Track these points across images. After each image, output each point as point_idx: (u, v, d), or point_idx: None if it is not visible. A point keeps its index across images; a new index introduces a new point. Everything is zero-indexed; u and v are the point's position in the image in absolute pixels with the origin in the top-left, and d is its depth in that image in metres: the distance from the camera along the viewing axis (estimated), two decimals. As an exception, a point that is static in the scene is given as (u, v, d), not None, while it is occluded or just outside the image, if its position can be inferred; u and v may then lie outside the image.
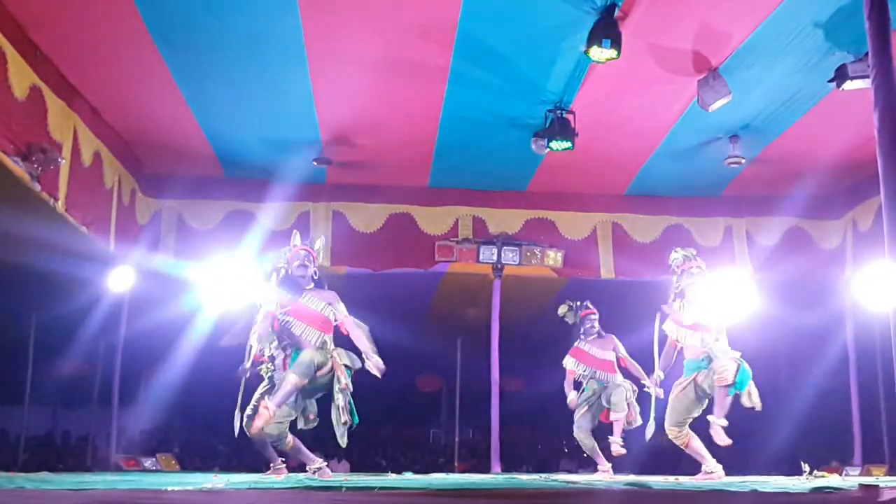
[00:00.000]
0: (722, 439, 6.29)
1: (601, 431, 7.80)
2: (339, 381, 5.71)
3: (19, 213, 7.00)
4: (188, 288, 9.51)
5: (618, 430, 7.40)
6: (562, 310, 7.95)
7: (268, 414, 5.54)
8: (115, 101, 7.67)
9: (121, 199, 8.53)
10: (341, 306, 5.99)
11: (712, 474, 6.36)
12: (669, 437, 6.60)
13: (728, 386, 6.22)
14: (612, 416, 7.41)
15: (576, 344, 7.80)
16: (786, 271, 9.73)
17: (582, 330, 7.82)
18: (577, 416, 7.65)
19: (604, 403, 7.56)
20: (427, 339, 13.26)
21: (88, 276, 9.10)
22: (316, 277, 6.07)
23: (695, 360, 6.55)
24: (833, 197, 9.63)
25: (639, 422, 7.46)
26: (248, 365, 5.93)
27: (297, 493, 3.33)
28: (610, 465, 7.62)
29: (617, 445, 7.36)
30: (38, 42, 6.47)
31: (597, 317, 7.86)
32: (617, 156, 8.77)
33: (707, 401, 6.51)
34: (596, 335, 7.77)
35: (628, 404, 7.42)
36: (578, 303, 7.97)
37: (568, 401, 7.79)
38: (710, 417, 6.35)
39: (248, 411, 5.89)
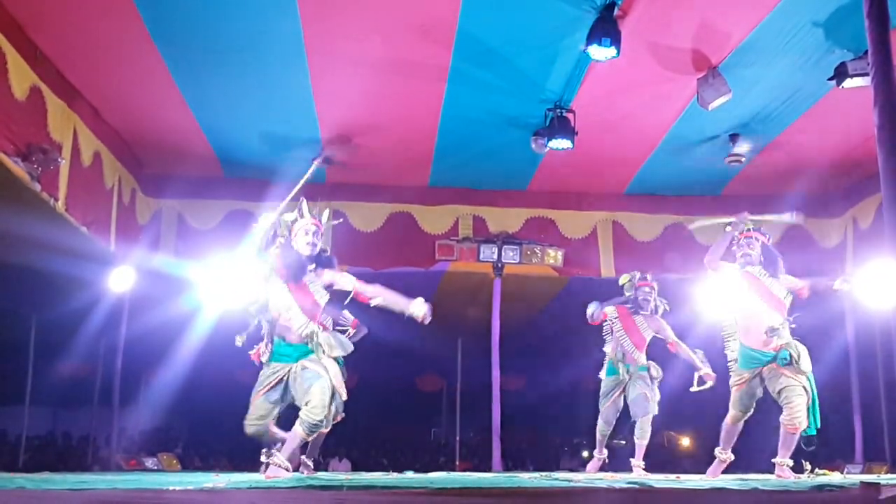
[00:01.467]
0: (789, 474, 5.69)
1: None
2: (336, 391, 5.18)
3: (19, 214, 7.01)
4: (188, 288, 9.52)
5: (640, 453, 7.31)
6: (623, 279, 7.73)
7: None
8: (115, 102, 7.68)
9: (121, 199, 8.53)
10: (346, 278, 5.37)
11: (724, 462, 6.22)
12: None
13: (798, 431, 5.67)
14: (637, 441, 7.30)
15: (627, 307, 7.46)
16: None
17: (635, 300, 7.43)
18: (603, 407, 7.47)
19: (627, 400, 7.35)
20: (427, 338, 13.24)
21: (89, 276, 9.10)
22: (326, 254, 5.50)
23: (766, 353, 5.77)
24: (833, 195, 9.63)
25: (656, 411, 7.36)
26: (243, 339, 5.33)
27: (299, 493, 3.32)
28: (605, 455, 7.58)
29: (640, 469, 7.27)
30: (38, 42, 6.48)
31: (651, 291, 7.42)
32: (617, 155, 8.77)
33: (763, 389, 5.85)
34: (649, 312, 7.37)
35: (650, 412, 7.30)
36: (638, 273, 7.71)
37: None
38: (775, 460, 5.80)
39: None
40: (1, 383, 13.51)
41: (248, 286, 5.58)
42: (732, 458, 6.31)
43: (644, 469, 7.26)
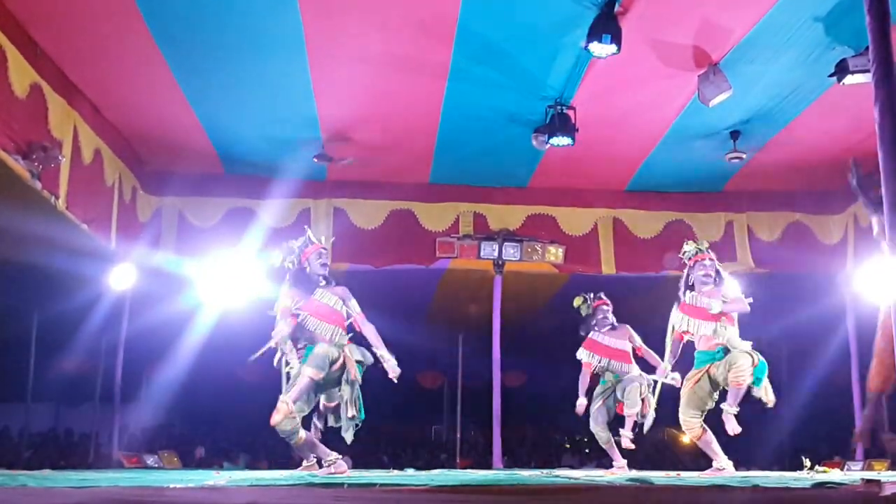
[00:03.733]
0: (733, 428, 6.18)
1: (617, 424, 7.69)
2: (349, 374, 5.79)
3: (20, 211, 7.01)
4: (189, 285, 9.53)
5: (629, 424, 7.33)
6: (577, 301, 7.82)
7: (286, 409, 5.59)
8: (115, 99, 7.67)
9: (122, 197, 8.52)
10: (354, 303, 6.10)
11: (723, 471, 6.22)
12: (683, 428, 6.49)
13: (743, 385, 6.12)
14: (626, 411, 7.34)
15: (590, 335, 7.71)
16: (787, 266, 9.73)
17: (594, 321, 7.66)
18: (592, 409, 7.58)
19: (619, 397, 7.46)
20: (428, 335, 13.26)
21: (90, 273, 9.11)
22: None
23: (708, 352, 6.37)
24: (834, 192, 9.61)
25: (652, 416, 7.38)
26: (257, 354, 6.01)
27: (299, 490, 3.33)
28: (625, 461, 7.57)
29: (627, 440, 7.30)
30: (39, 40, 6.47)
31: (609, 308, 7.74)
32: (618, 151, 8.76)
33: (719, 393, 6.37)
34: (609, 326, 7.63)
35: (643, 399, 7.31)
36: (592, 294, 7.86)
37: (577, 404, 7.63)
38: (723, 406, 6.22)
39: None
40: (3, 380, 13.54)
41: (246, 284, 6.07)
42: (731, 464, 6.34)
43: (631, 440, 7.30)
